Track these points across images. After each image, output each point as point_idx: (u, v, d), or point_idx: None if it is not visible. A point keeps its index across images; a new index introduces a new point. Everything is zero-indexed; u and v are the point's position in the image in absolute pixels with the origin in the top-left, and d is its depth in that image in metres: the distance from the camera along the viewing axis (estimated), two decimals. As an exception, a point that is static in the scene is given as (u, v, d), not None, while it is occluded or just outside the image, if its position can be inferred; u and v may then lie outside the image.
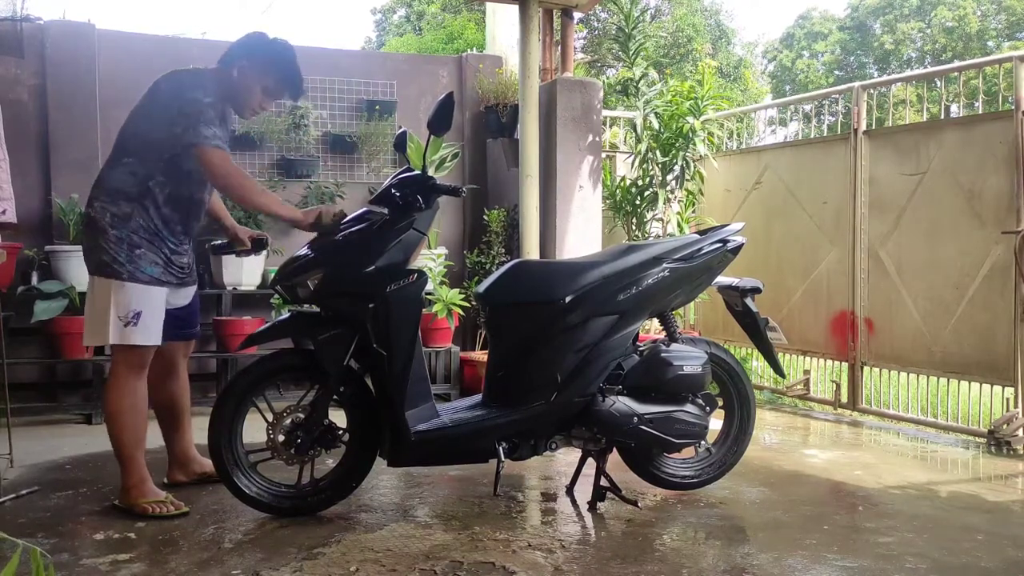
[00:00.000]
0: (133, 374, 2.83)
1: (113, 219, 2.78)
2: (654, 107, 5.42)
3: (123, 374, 2.81)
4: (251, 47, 2.95)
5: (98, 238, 2.78)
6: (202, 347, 5.37)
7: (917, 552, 2.57)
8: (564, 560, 2.46)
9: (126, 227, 2.78)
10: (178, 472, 3.20)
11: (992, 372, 4.15)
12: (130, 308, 2.77)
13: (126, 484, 2.85)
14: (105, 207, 2.79)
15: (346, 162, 5.75)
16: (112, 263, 2.76)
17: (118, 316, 2.76)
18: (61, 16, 5.25)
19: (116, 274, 2.76)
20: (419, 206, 2.82)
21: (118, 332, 2.76)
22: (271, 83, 2.95)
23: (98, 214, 2.79)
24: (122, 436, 2.82)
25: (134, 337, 2.78)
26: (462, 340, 5.76)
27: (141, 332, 2.78)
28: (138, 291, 2.78)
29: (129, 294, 2.77)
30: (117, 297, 2.76)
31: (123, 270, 2.77)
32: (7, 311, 4.37)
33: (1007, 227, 4.04)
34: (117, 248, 2.77)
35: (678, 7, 18.86)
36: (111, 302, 2.76)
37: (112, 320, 2.76)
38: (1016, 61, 4.04)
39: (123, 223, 2.78)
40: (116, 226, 2.78)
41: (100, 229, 2.78)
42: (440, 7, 18.00)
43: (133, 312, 2.77)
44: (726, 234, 3.11)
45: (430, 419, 2.84)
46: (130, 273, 2.77)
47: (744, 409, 3.23)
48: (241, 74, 2.90)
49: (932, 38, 22.49)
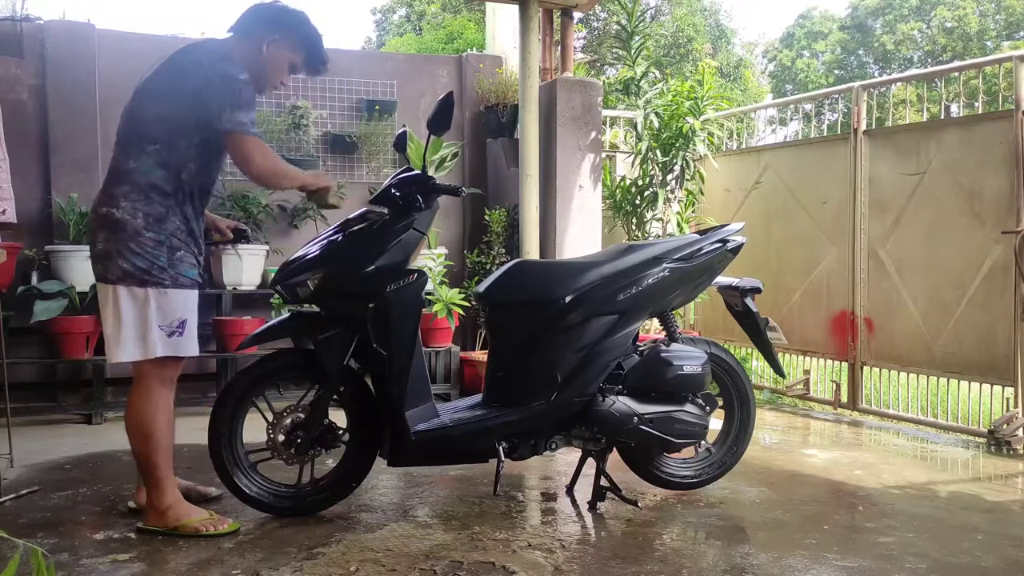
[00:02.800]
0: (166, 388, 2.63)
1: (147, 220, 2.52)
2: (655, 107, 5.42)
3: (156, 388, 2.59)
4: (281, 21, 2.71)
5: (128, 242, 2.50)
6: (202, 347, 5.35)
7: (917, 552, 2.57)
8: (564, 560, 2.46)
9: (163, 229, 2.54)
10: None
11: (992, 372, 4.15)
12: (176, 317, 2.56)
13: (160, 505, 2.62)
14: (136, 206, 2.51)
15: (346, 162, 5.75)
16: (151, 269, 2.52)
17: (161, 326, 2.53)
18: (61, 16, 5.25)
19: (157, 281, 2.53)
20: (419, 206, 2.82)
21: (163, 344, 2.54)
22: (300, 60, 2.75)
23: (127, 215, 2.51)
24: (157, 456, 2.59)
25: (181, 348, 2.59)
26: (462, 340, 5.76)
27: (187, 342, 2.60)
28: (183, 297, 2.58)
29: (174, 302, 2.56)
30: (160, 306, 2.53)
31: (166, 276, 2.54)
32: (7, 311, 4.37)
33: (1007, 227, 4.04)
34: (156, 252, 2.52)
35: (678, 7, 18.86)
36: (152, 312, 2.52)
37: (155, 331, 2.52)
38: (1016, 61, 4.04)
39: (159, 224, 2.53)
40: (152, 228, 2.52)
41: (132, 232, 2.50)
42: (440, 7, 18.00)
43: (179, 321, 2.57)
44: (726, 234, 3.11)
45: (430, 419, 2.84)
46: (173, 279, 2.55)
47: (744, 409, 3.23)
48: (271, 50, 2.67)
49: (932, 38, 22.49)
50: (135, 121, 2.59)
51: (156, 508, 2.63)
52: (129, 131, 2.59)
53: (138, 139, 2.56)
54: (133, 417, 2.60)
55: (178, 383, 2.73)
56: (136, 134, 2.57)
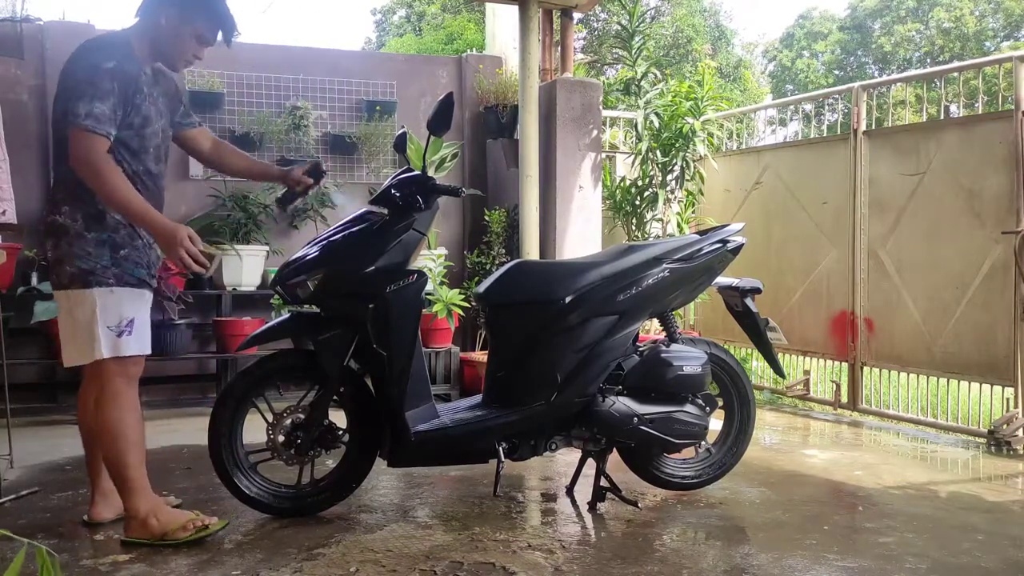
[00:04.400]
0: (130, 387, 2.56)
1: (87, 221, 2.47)
2: (655, 107, 5.42)
3: (120, 388, 2.52)
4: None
5: (72, 246, 2.46)
6: (202, 347, 5.37)
7: (917, 552, 2.57)
8: (564, 560, 2.46)
9: (103, 227, 2.48)
10: (104, 508, 2.75)
11: (992, 372, 4.15)
12: (122, 316, 2.49)
13: (139, 513, 2.53)
14: (75, 209, 2.47)
15: (346, 162, 5.75)
16: (95, 270, 2.46)
17: (108, 327, 2.47)
18: (61, 16, 5.27)
19: (101, 281, 2.47)
20: (419, 206, 2.82)
21: (111, 344, 2.48)
22: (203, 26, 2.60)
23: (68, 219, 2.47)
24: (128, 457, 2.51)
25: (129, 347, 2.51)
26: (462, 340, 5.76)
27: (136, 341, 2.53)
28: (128, 296, 2.52)
29: (119, 300, 2.49)
30: (105, 306, 2.47)
31: (109, 275, 2.48)
32: (7, 311, 4.37)
33: (1007, 227, 4.04)
34: (98, 252, 2.47)
35: (678, 8, 18.86)
36: (97, 313, 2.46)
37: (101, 332, 2.46)
38: (1016, 61, 4.04)
39: (98, 223, 2.48)
40: (92, 228, 2.47)
41: (74, 235, 2.46)
42: (440, 7, 18.00)
43: (126, 320, 2.50)
44: (726, 234, 3.11)
45: (430, 419, 2.84)
46: (117, 277, 2.49)
47: (744, 409, 3.23)
48: (169, 22, 2.55)
49: (930, 39, 22.49)
50: (53, 124, 2.55)
51: (135, 517, 2.54)
52: (53, 135, 2.57)
53: (57, 142, 2.51)
54: (100, 419, 2.53)
55: (178, 384, 2.70)
56: (56, 138, 2.53)
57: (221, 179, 5.21)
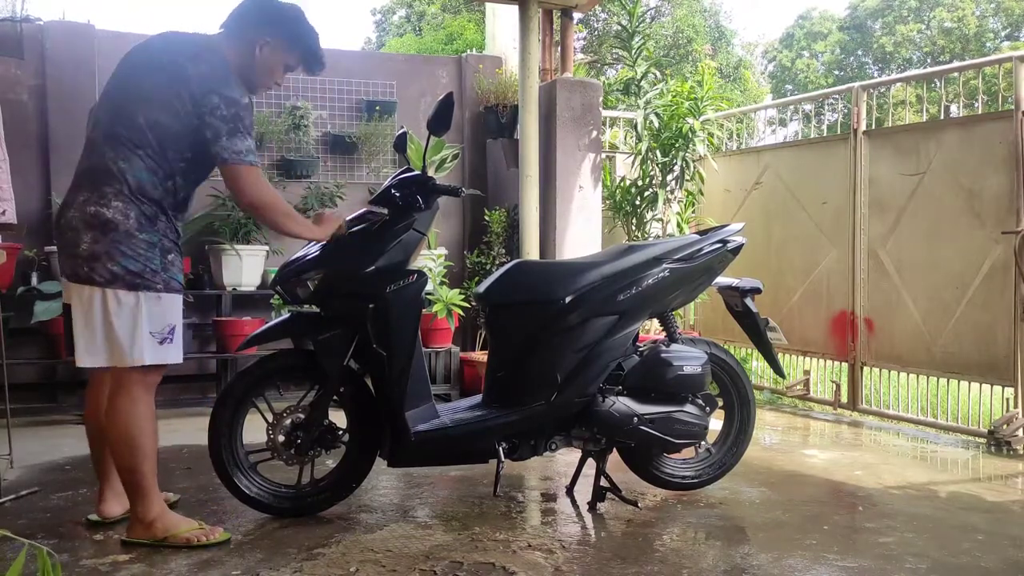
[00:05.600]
0: (150, 394, 2.52)
1: (140, 220, 2.40)
2: (655, 107, 5.42)
3: (139, 396, 2.48)
4: (275, 20, 2.60)
5: (120, 244, 2.37)
6: (202, 347, 5.37)
7: (917, 552, 2.57)
8: (564, 560, 2.46)
9: (155, 230, 2.43)
10: (114, 504, 2.73)
11: (992, 372, 4.15)
12: (166, 322, 2.45)
13: (146, 517, 2.52)
14: (128, 207, 2.39)
15: (346, 162, 5.75)
16: (143, 272, 2.40)
17: (151, 332, 2.42)
18: (61, 16, 5.26)
19: (150, 285, 2.41)
20: (419, 206, 2.82)
21: (153, 351, 2.43)
22: (295, 59, 2.65)
23: (119, 215, 2.38)
24: (144, 464, 2.48)
25: (171, 355, 2.48)
26: (462, 340, 5.76)
27: (176, 349, 2.50)
28: (174, 302, 2.49)
29: (166, 307, 2.45)
30: (151, 311, 2.42)
31: (158, 280, 2.43)
32: (7, 311, 4.37)
33: (1007, 227, 4.04)
34: (149, 254, 2.41)
35: (678, 8, 18.86)
36: (142, 317, 2.40)
37: (144, 338, 2.41)
38: (1016, 61, 4.04)
39: (152, 225, 2.42)
40: (145, 229, 2.41)
41: (124, 233, 2.38)
42: (440, 7, 18.00)
43: (169, 327, 2.46)
44: (726, 234, 3.11)
45: (430, 419, 2.84)
46: (165, 283, 2.44)
47: (744, 409, 3.23)
48: (264, 52, 2.57)
49: (931, 39, 22.50)
50: (124, 121, 2.45)
51: (142, 520, 2.52)
52: (116, 130, 2.45)
53: (127, 140, 2.43)
54: (118, 426, 2.46)
55: (178, 384, 2.69)
56: (125, 135, 2.44)
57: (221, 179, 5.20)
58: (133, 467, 2.48)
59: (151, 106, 2.44)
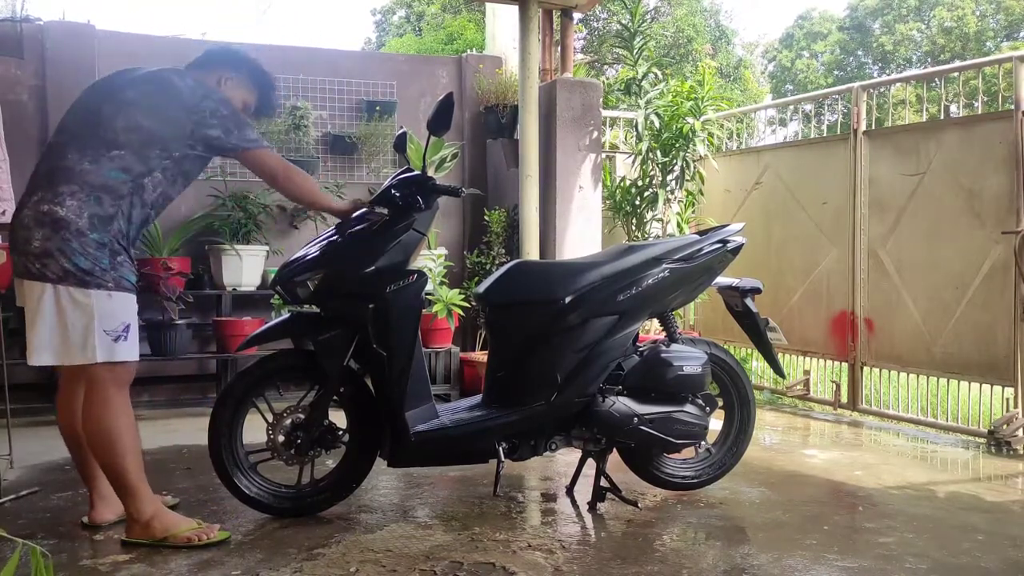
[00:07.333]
0: (121, 392, 2.54)
1: (92, 220, 2.44)
2: (655, 107, 5.42)
3: (111, 394, 2.50)
4: (239, 62, 2.83)
5: (70, 241, 2.41)
6: (202, 348, 5.37)
7: (917, 552, 2.57)
8: (564, 560, 2.46)
9: (107, 231, 2.46)
10: (104, 510, 2.74)
11: (992, 372, 4.15)
12: (119, 320, 2.47)
13: (142, 516, 2.53)
14: (83, 206, 2.43)
15: (346, 162, 5.75)
16: (93, 271, 2.43)
17: (105, 331, 2.44)
18: (61, 16, 5.27)
19: (100, 283, 2.44)
20: (419, 206, 2.82)
21: (107, 349, 2.45)
22: (252, 100, 2.87)
23: (72, 213, 2.42)
24: (125, 461, 2.50)
25: (124, 352, 2.49)
26: (462, 340, 5.76)
27: (131, 346, 2.52)
28: (126, 301, 2.51)
29: (117, 305, 2.48)
30: (103, 309, 2.44)
31: (108, 278, 2.45)
32: (7, 311, 4.36)
33: (1007, 227, 4.04)
34: (98, 253, 2.44)
35: (678, 8, 18.85)
36: (95, 315, 2.43)
37: (98, 335, 2.43)
38: (1016, 61, 4.04)
39: (105, 226, 2.46)
40: (97, 229, 2.44)
41: (75, 231, 2.41)
42: (440, 7, 17.99)
43: (123, 324, 2.48)
44: (726, 234, 3.11)
45: (430, 419, 2.84)
46: (116, 281, 2.47)
47: (744, 409, 3.23)
48: (227, 86, 2.77)
49: (931, 39, 22.49)
50: (100, 123, 2.51)
51: (137, 520, 2.53)
52: (88, 132, 2.51)
53: (99, 142, 2.49)
54: (93, 425, 2.50)
55: (178, 384, 2.70)
56: (98, 137, 2.50)
57: (221, 179, 5.21)
58: (115, 465, 2.50)
59: (136, 110, 2.54)
